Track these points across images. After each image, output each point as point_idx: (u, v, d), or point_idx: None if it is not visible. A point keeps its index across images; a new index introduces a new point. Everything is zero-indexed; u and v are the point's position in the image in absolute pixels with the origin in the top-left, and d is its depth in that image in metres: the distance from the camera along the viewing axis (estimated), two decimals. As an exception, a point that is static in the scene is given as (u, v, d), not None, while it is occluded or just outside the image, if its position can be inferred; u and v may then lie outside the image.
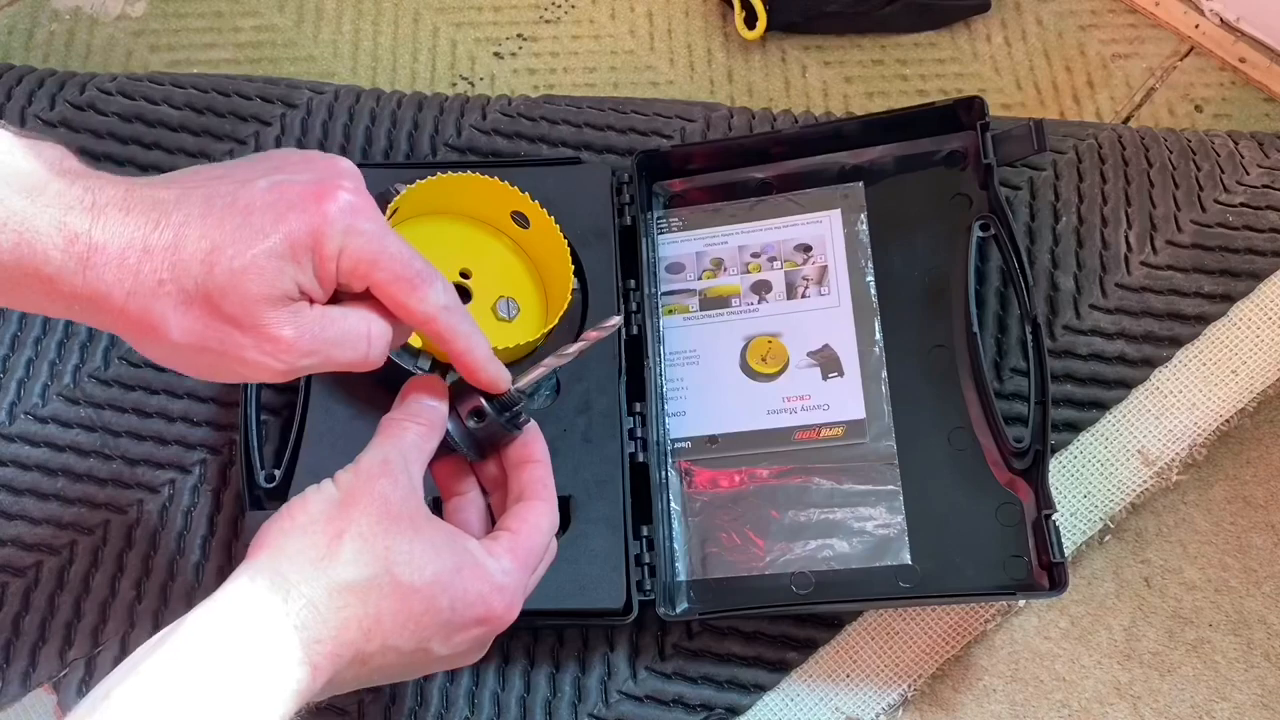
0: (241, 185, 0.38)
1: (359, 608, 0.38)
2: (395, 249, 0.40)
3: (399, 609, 0.39)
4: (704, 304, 0.61)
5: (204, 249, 0.37)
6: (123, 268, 0.36)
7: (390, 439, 0.42)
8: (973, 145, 0.59)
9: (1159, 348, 0.60)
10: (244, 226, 0.37)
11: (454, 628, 0.41)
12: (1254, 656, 0.57)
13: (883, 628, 0.56)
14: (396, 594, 0.39)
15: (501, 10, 0.77)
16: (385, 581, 0.39)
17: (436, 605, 0.40)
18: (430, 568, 0.40)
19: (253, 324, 0.38)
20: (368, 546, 0.39)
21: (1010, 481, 0.55)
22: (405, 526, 0.40)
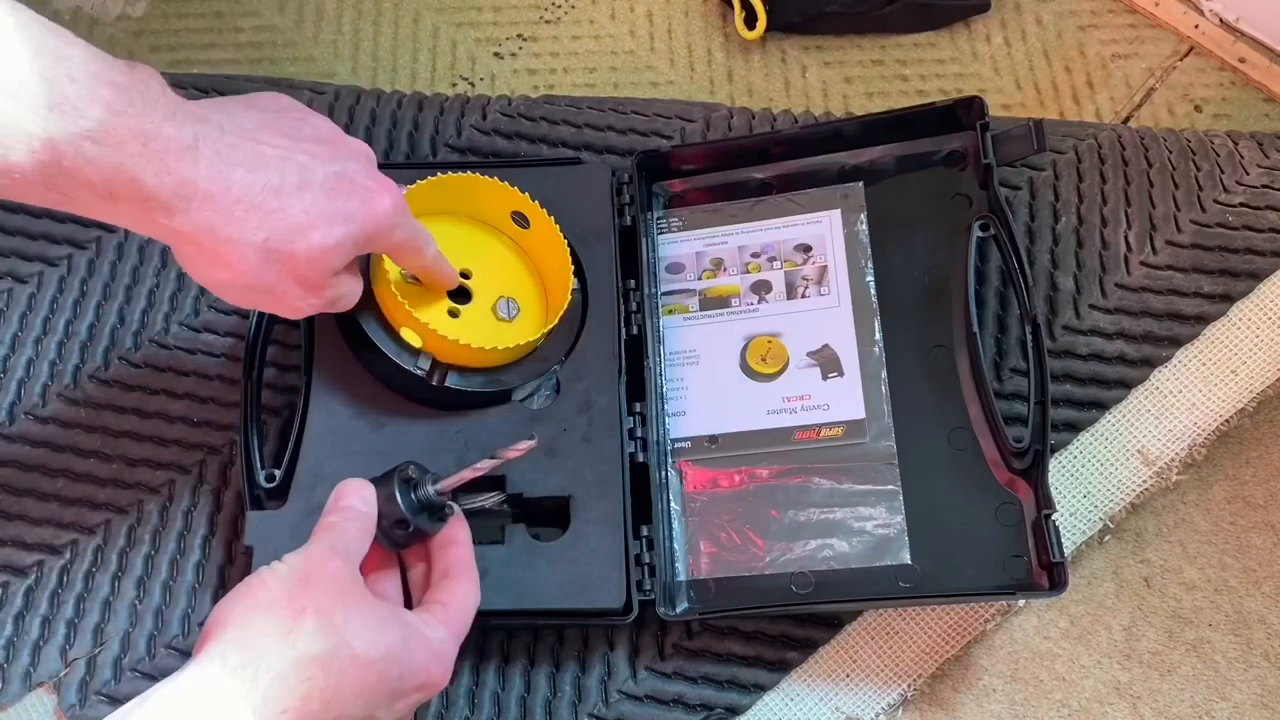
0: (315, 162, 0.45)
1: (322, 679, 0.40)
2: (424, 232, 0.51)
3: (356, 679, 0.42)
4: (704, 304, 0.61)
5: (303, 222, 0.44)
6: (228, 215, 0.42)
7: (333, 532, 0.46)
8: (972, 145, 0.59)
9: (1159, 348, 0.60)
10: (331, 208, 0.44)
11: (399, 695, 0.44)
12: (1254, 656, 0.57)
13: (882, 627, 0.56)
14: (354, 665, 0.41)
15: (501, 10, 0.77)
16: (344, 654, 0.41)
17: (387, 675, 0.43)
18: (383, 640, 0.43)
19: (316, 285, 0.46)
20: (327, 621, 0.41)
21: (1010, 481, 0.55)
22: (357, 602, 0.43)
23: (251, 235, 0.43)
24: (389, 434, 0.56)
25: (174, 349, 0.63)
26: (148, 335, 0.63)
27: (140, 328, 0.63)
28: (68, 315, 0.63)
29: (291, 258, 0.44)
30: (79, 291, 0.64)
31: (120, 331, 0.63)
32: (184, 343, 0.63)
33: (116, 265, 0.64)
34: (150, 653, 0.57)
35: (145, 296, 0.64)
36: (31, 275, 0.64)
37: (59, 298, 0.64)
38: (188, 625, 0.57)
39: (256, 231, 0.43)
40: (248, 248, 0.43)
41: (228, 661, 0.39)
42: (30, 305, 0.64)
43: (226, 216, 0.42)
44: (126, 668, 0.56)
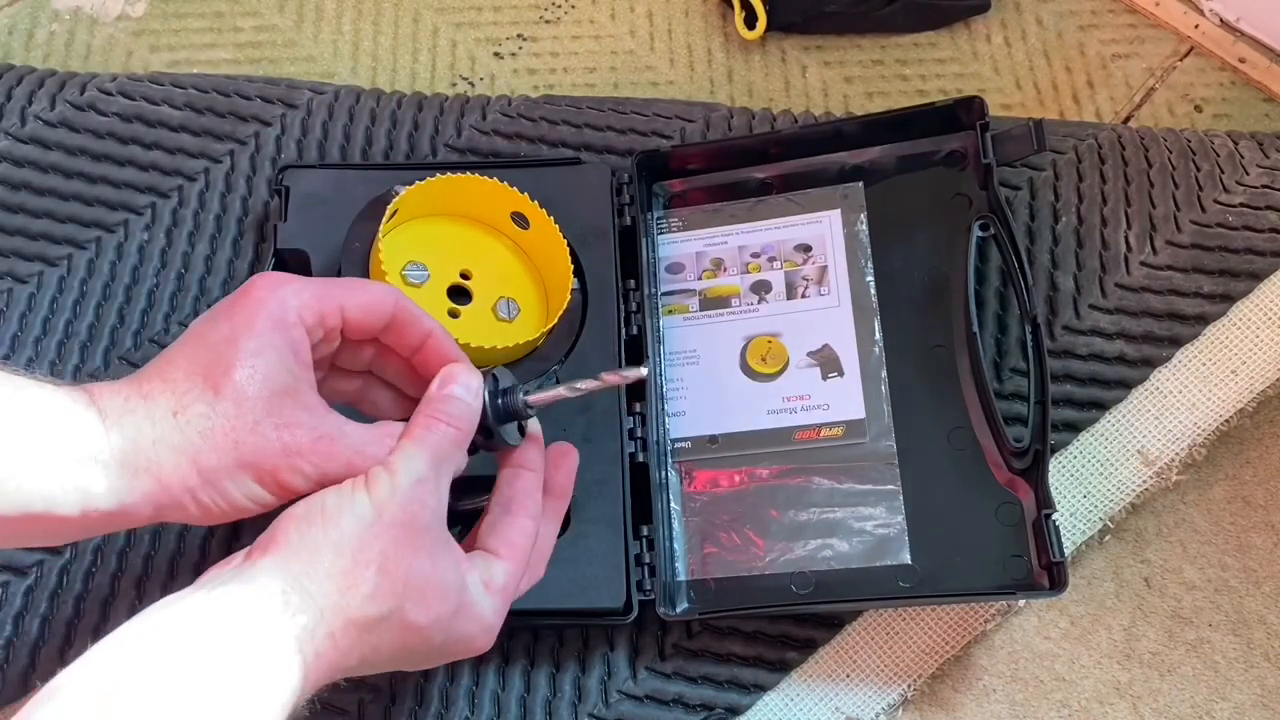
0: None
1: (367, 640, 0.39)
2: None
3: (398, 641, 0.40)
4: (704, 304, 0.61)
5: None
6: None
7: (428, 446, 0.42)
8: (972, 145, 0.59)
9: (1159, 348, 0.60)
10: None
11: (438, 657, 0.43)
12: (1254, 656, 0.57)
13: (883, 627, 0.56)
14: (400, 630, 0.40)
15: (501, 10, 0.77)
16: (395, 621, 0.40)
17: (431, 643, 0.41)
18: (435, 608, 0.41)
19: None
20: (388, 581, 0.39)
21: (1010, 481, 0.55)
22: (424, 559, 0.40)
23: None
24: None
25: (174, 349, 0.62)
26: (148, 335, 0.63)
27: (140, 328, 0.63)
28: (68, 315, 0.63)
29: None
30: (79, 291, 0.64)
31: (120, 331, 0.63)
32: (184, 343, 0.63)
33: (116, 265, 0.64)
34: (150, 653, 0.57)
35: (145, 296, 0.64)
36: (31, 275, 0.64)
37: (59, 298, 0.64)
38: (188, 625, 0.57)
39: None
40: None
41: (289, 601, 0.37)
42: (30, 305, 0.64)
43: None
44: (126, 668, 0.56)
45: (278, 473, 0.40)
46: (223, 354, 0.40)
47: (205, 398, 0.39)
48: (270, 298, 0.41)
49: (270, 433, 0.40)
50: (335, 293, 0.43)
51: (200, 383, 0.40)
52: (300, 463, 0.40)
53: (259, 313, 0.41)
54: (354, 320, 0.43)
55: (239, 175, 0.66)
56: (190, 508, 0.40)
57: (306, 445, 0.40)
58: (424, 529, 0.40)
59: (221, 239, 0.65)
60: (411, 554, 0.40)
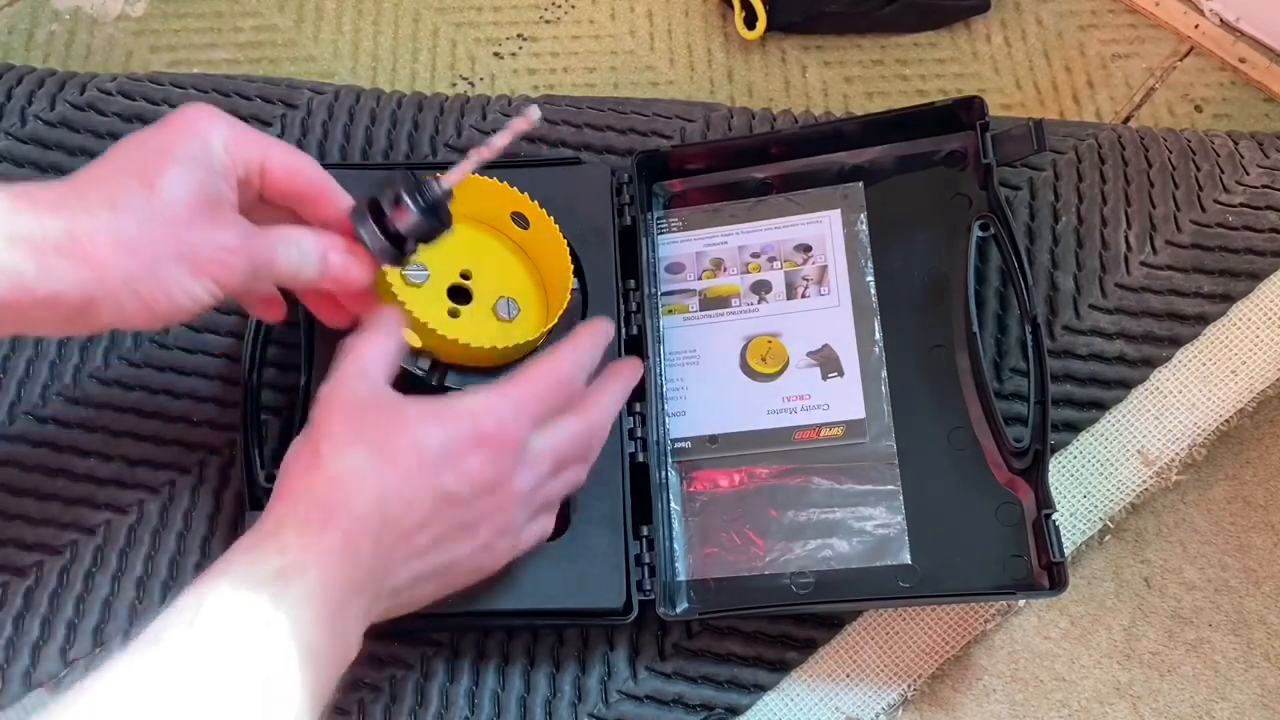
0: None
1: (364, 481, 0.41)
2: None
3: (395, 469, 0.41)
4: (704, 304, 0.61)
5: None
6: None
7: (348, 357, 0.45)
8: (972, 145, 0.59)
9: (1158, 348, 0.60)
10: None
11: (451, 457, 0.43)
12: (1254, 656, 0.57)
13: (883, 627, 0.56)
14: (386, 459, 0.42)
15: (501, 10, 0.77)
16: (376, 457, 0.42)
17: (424, 445, 0.42)
18: (408, 428, 0.42)
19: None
20: (346, 447, 0.42)
21: (1010, 481, 0.55)
22: (372, 414, 0.43)
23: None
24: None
25: (174, 349, 0.62)
26: (148, 335, 0.63)
27: (140, 328, 0.63)
28: (68, 315, 0.63)
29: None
30: (79, 291, 0.64)
31: (120, 331, 0.63)
32: (184, 343, 0.63)
33: (116, 265, 0.64)
34: (150, 653, 0.57)
35: (145, 296, 0.64)
36: (31, 275, 0.64)
37: (59, 298, 0.64)
38: (188, 625, 0.57)
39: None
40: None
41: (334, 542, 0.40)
42: (30, 305, 0.64)
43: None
44: (126, 668, 0.56)
45: (212, 266, 0.42)
46: (155, 159, 0.42)
47: (141, 194, 0.41)
48: (201, 120, 0.44)
49: (205, 228, 0.42)
50: (260, 140, 0.45)
51: (135, 182, 0.41)
52: (233, 259, 0.42)
53: (190, 130, 0.43)
54: (275, 177, 0.45)
55: (239, 175, 0.66)
56: (127, 302, 0.41)
57: (238, 242, 0.43)
58: (364, 401, 0.43)
59: (221, 239, 0.65)
60: (359, 416, 0.43)
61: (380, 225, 0.45)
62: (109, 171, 0.42)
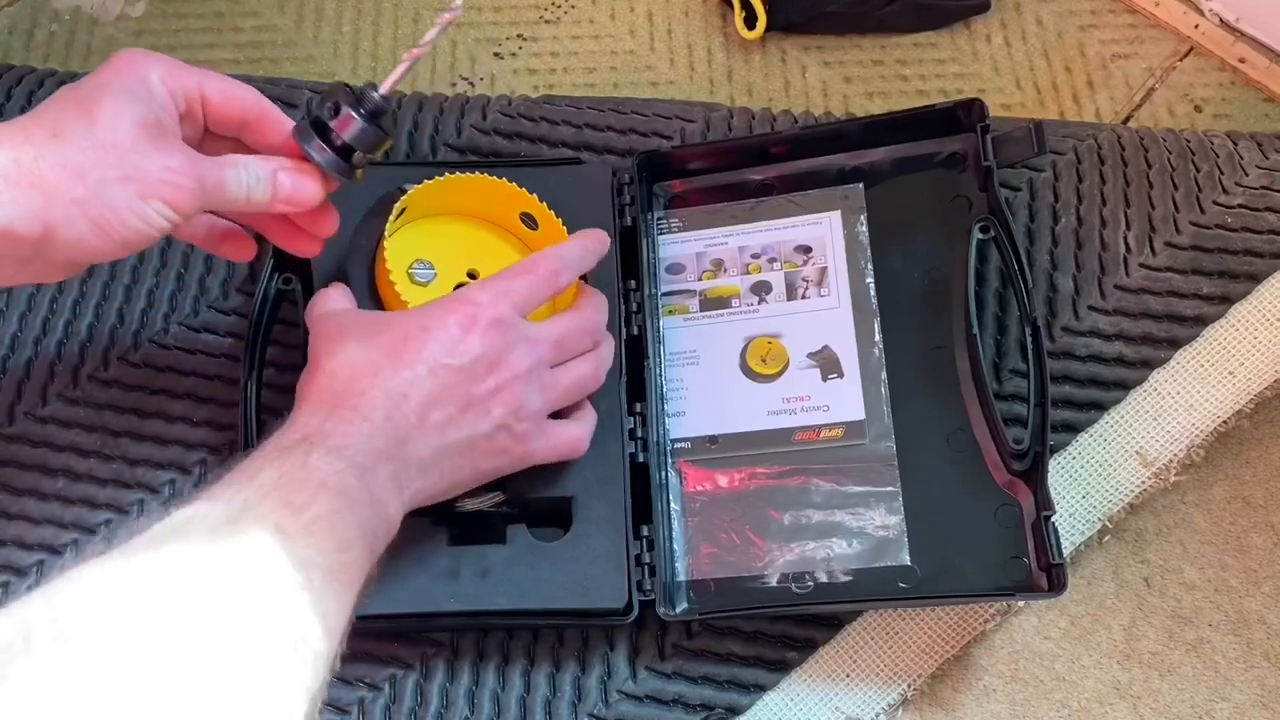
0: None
1: (359, 365, 0.45)
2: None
3: (387, 352, 0.45)
4: (704, 305, 0.61)
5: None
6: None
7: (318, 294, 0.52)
8: (973, 147, 0.59)
9: (1157, 349, 0.60)
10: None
11: (436, 332, 0.46)
12: (1254, 656, 0.57)
13: (883, 628, 0.57)
14: (376, 348, 0.45)
15: (501, 10, 0.77)
16: (366, 348, 0.45)
17: (408, 328, 0.46)
18: (392, 322, 0.47)
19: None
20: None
21: (1009, 483, 0.55)
22: (356, 320, 0.49)
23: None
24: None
25: (174, 349, 0.63)
26: (148, 335, 0.63)
27: (140, 328, 0.63)
28: (68, 315, 0.63)
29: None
30: (79, 291, 0.64)
31: (120, 331, 0.63)
32: (184, 343, 0.63)
33: (116, 265, 0.64)
34: (151, 653, 0.57)
35: (145, 296, 0.64)
36: (31, 275, 0.64)
37: (59, 298, 0.64)
38: (188, 625, 0.57)
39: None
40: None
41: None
42: (30, 305, 0.64)
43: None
44: (127, 668, 0.56)
45: (161, 188, 0.43)
46: (93, 95, 0.43)
47: (82, 125, 0.42)
48: (135, 58, 0.45)
49: (149, 152, 0.42)
50: (196, 71, 0.46)
51: (74, 114, 0.42)
52: (181, 179, 0.43)
53: (124, 68, 0.44)
54: (215, 105, 0.47)
55: (239, 175, 0.66)
56: (80, 224, 0.42)
57: (185, 165, 0.43)
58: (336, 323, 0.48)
59: (221, 239, 0.65)
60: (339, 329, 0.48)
61: (325, 140, 0.47)
62: (48, 109, 0.43)
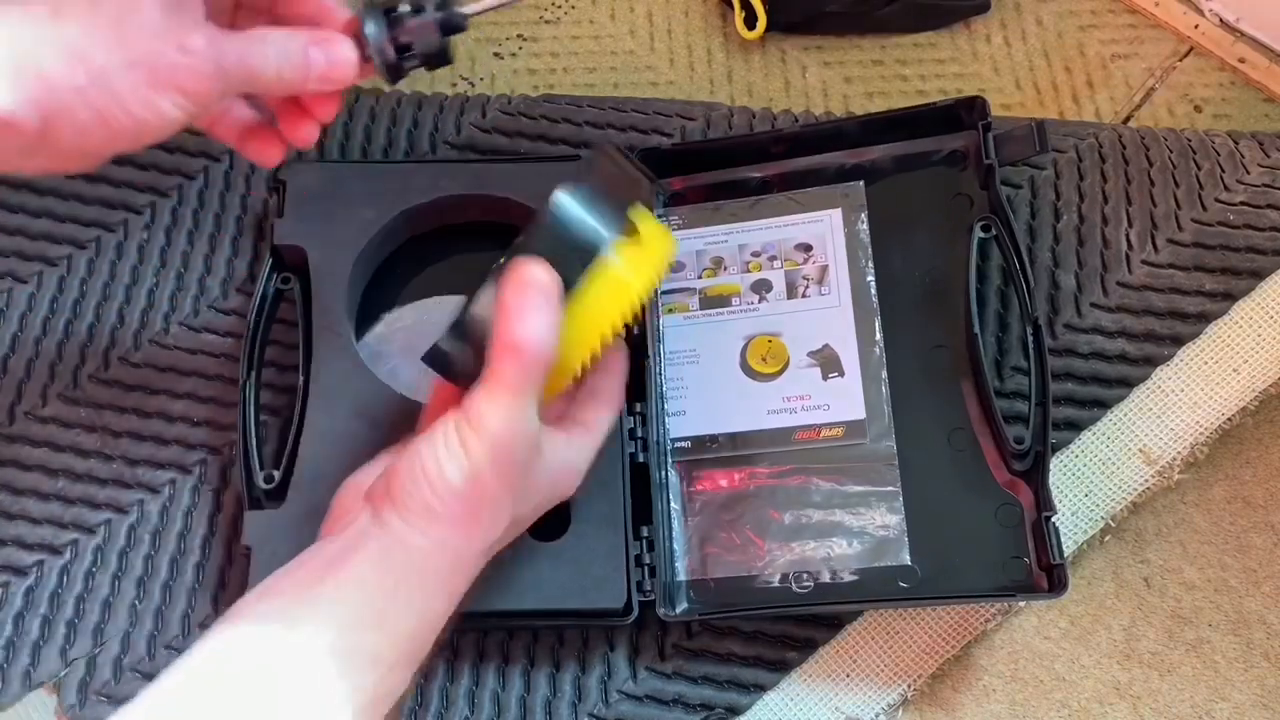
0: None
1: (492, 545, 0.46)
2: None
3: (511, 531, 0.46)
4: (704, 303, 0.61)
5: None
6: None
7: (509, 386, 0.42)
8: (974, 145, 0.59)
9: (1160, 346, 0.60)
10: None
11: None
12: (1254, 656, 0.57)
13: (883, 628, 0.56)
14: (513, 526, 0.46)
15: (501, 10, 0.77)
16: (509, 525, 0.46)
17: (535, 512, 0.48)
18: (535, 500, 0.47)
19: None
20: (499, 512, 0.44)
21: (1010, 483, 0.55)
22: (525, 479, 0.44)
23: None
24: (388, 433, 0.56)
25: (174, 349, 0.62)
26: (148, 335, 0.63)
27: (140, 328, 0.63)
28: (68, 315, 0.63)
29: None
30: (79, 291, 0.64)
31: (120, 331, 0.63)
32: (184, 343, 0.63)
33: (116, 265, 0.64)
34: (150, 653, 0.57)
35: (145, 296, 0.64)
36: (31, 275, 0.64)
37: (59, 298, 0.64)
38: (188, 625, 0.57)
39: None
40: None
41: (425, 546, 0.43)
42: (30, 305, 0.64)
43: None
44: (127, 668, 0.56)
45: (176, 74, 0.37)
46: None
47: (83, 1, 0.37)
48: None
49: (163, 32, 0.37)
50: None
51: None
52: (199, 64, 0.38)
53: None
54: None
55: (238, 174, 0.66)
56: (82, 115, 0.37)
57: (203, 46, 0.38)
58: (522, 460, 0.43)
59: (221, 238, 0.65)
60: (516, 480, 0.43)
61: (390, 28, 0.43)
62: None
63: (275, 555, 0.53)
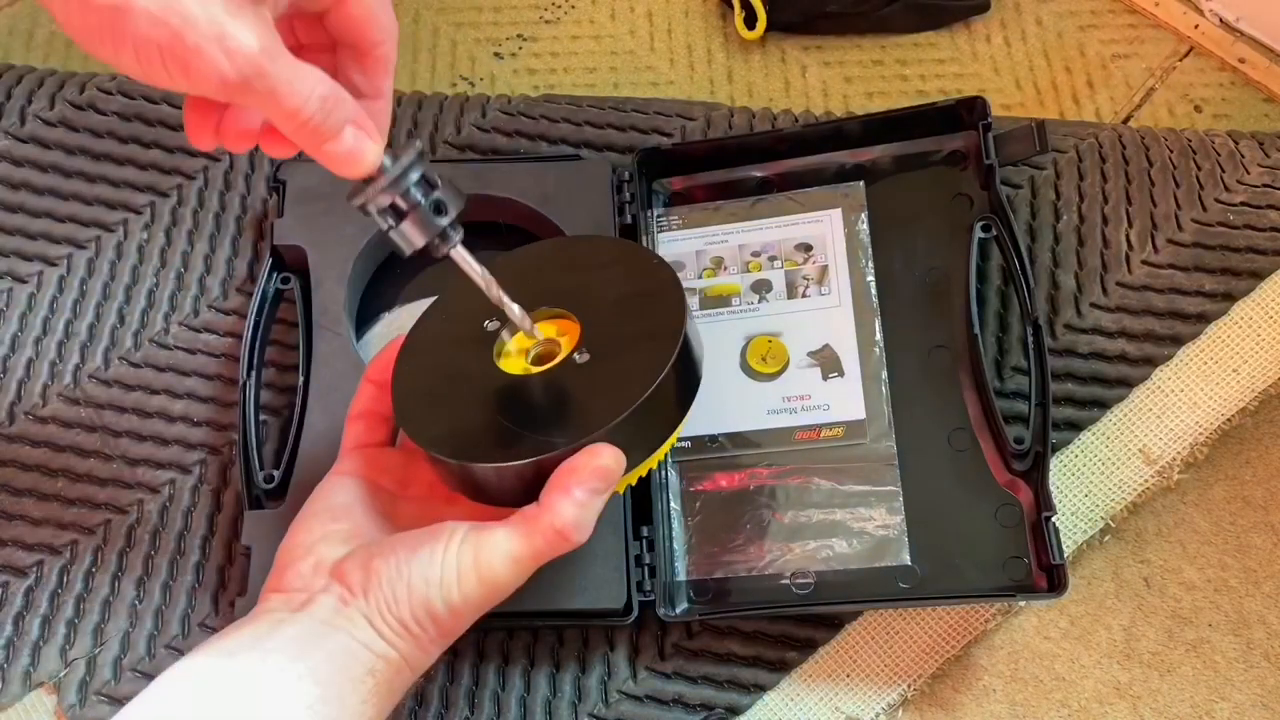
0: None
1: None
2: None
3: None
4: (704, 303, 0.61)
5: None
6: None
7: (531, 546, 0.42)
8: (974, 145, 0.59)
9: (1160, 346, 0.60)
10: None
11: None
12: (1254, 656, 0.57)
13: (883, 628, 0.56)
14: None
15: (501, 10, 0.77)
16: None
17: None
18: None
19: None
20: (466, 617, 0.44)
21: (1010, 483, 0.55)
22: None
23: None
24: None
25: (174, 349, 0.62)
26: (148, 335, 0.63)
27: (140, 328, 0.63)
28: (68, 315, 0.63)
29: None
30: (79, 291, 0.64)
31: (120, 331, 0.63)
32: (184, 343, 0.63)
33: (116, 265, 0.64)
34: (150, 653, 0.57)
35: (145, 296, 0.64)
36: (31, 275, 0.64)
37: (59, 298, 0.64)
38: (188, 625, 0.57)
39: None
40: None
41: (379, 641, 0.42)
42: (30, 305, 0.64)
43: None
44: (126, 668, 0.56)
45: (192, 54, 0.33)
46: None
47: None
48: None
49: (213, 3, 0.33)
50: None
51: None
52: (226, 59, 0.34)
53: None
54: (348, 10, 0.39)
55: (238, 173, 0.66)
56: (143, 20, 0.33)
57: (247, 47, 0.34)
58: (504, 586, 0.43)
59: (221, 237, 0.65)
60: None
61: (405, 192, 0.41)
62: None
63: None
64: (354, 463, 0.48)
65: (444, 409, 0.46)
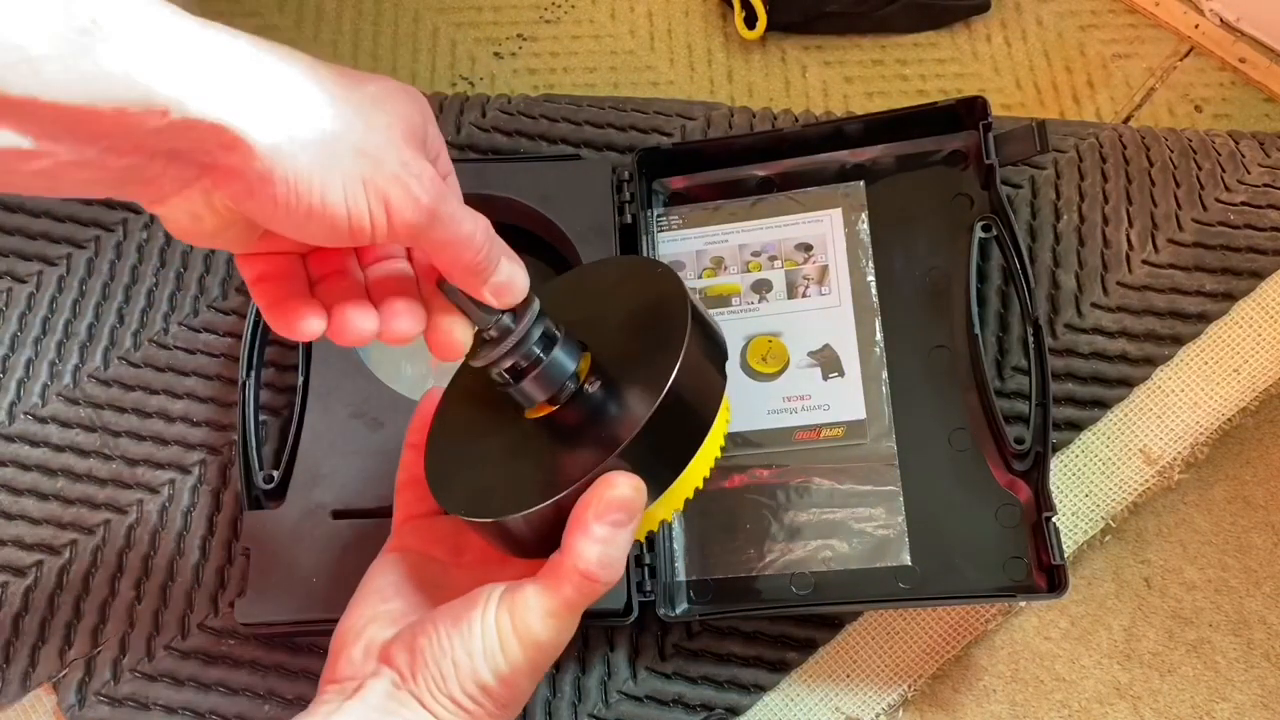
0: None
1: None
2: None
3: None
4: (704, 303, 0.61)
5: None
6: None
7: (561, 598, 0.39)
8: (974, 145, 0.59)
9: (1161, 346, 0.60)
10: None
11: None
12: (1254, 656, 0.57)
13: (883, 628, 0.56)
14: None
15: (501, 10, 0.77)
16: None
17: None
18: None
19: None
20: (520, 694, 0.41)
21: (1010, 483, 0.54)
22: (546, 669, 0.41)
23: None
24: (388, 433, 0.56)
25: (174, 349, 0.62)
26: (148, 335, 0.63)
27: (140, 328, 0.63)
28: (68, 315, 0.63)
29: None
30: (79, 291, 0.64)
31: (120, 331, 0.63)
32: (184, 343, 0.63)
33: (116, 265, 0.64)
34: (149, 653, 0.57)
35: (145, 296, 0.64)
36: (31, 275, 0.64)
37: (59, 298, 0.64)
38: (187, 626, 0.57)
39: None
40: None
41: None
42: (30, 305, 0.64)
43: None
44: (125, 669, 0.56)
45: (394, 185, 0.33)
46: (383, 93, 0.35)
47: (364, 102, 0.34)
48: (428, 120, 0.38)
49: (402, 147, 0.34)
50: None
51: (369, 99, 0.34)
52: (427, 184, 0.34)
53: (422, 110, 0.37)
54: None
55: (239, 175, 0.66)
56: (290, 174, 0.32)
57: (433, 176, 0.35)
58: (555, 657, 0.40)
59: (221, 238, 0.65)
60: (543, 673, 0.41)
61: (513, 359, 0.40)
62: (369, 83, 0.35)
63: (274, 555, 0.53)
64: (404, 537, 0.46)
65: (474, 467, 0.43)
